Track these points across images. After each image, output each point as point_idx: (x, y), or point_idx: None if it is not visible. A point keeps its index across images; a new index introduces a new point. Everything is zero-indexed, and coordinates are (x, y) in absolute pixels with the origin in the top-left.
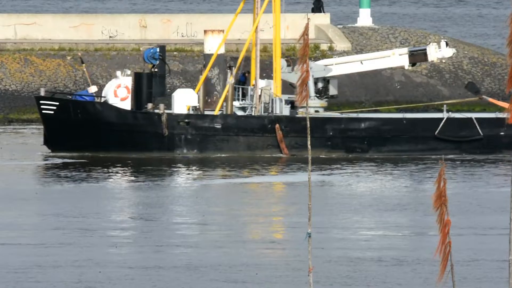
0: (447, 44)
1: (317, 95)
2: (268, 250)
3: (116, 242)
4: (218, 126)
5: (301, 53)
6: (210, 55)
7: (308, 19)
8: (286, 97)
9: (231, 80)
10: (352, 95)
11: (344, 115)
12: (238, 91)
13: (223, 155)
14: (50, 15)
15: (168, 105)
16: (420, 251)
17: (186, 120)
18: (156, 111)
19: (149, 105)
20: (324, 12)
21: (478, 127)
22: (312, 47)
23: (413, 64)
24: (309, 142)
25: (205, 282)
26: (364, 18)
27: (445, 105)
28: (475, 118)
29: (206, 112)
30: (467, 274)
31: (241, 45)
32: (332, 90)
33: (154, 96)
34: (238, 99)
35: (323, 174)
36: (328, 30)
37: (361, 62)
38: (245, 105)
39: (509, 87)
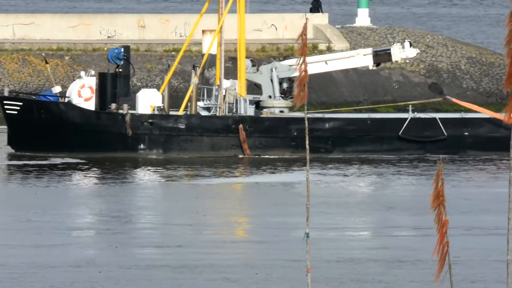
0: (410, 44)
1: (282, 95)
2: (268, 250)
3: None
4: (182, 126)
5: (299, 53)
6: (209, 55)
7: (307, 19)
8: (251, 97)
9: (195, 80)
10: (350, 95)
11: (308, 115)
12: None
13: (185, 156)
14: (49, 15)
15: (133, 105)
16: (418, 251)
17: (150, 121)
18: (120, 111)
19: (113, 105)
20: (322, 12)
21: (442, 127)
22: (310, 47)
23: (377, 64)
24: (307, 142)
25: (203, 282)
26: (362, 18)
27: (410, 106)
28: (439, 119)
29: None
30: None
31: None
32: None
33: (118, 96)
34: (203, 99)
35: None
36: (326, 30)
37: (326, 62)
38: (210, 105)
39: (507, 87)
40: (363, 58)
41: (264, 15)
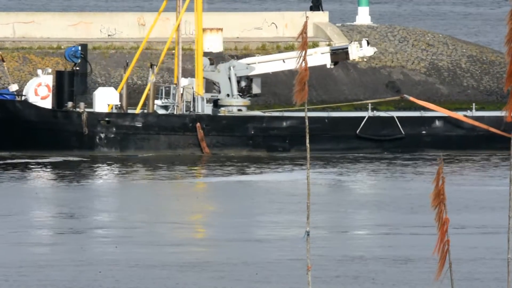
0: (368, 43)
1: (240, 93)
2: (267, 249)
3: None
4: (139, 124)
5: (300, 51)
6: (208, 53)
7: (307, 17)
8: (209, 95)
9: (152, 78)
10: (350, 93)
11: (266, 114)
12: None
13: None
14: (49, 14)
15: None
16: (417, 249)
17: (107, 119)
18: (77, 109)
19: (69, 104)
20: (322, 10)
21: (400, 126)
22: (311, 45)
23: (335, 63)
24: (307, 142)
25: (204, 280)
26: (363, 17)
27: (369, 104)
28: (397, 117)
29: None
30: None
31: (240, 44)
32: (255, 89)
33: (75, 94)
34: (161, 98)
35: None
36: (326, 28)
37: (283, 61)
38: (168, 104)
39: (507, 85)
40: (321, 57)
41: (264, 13)
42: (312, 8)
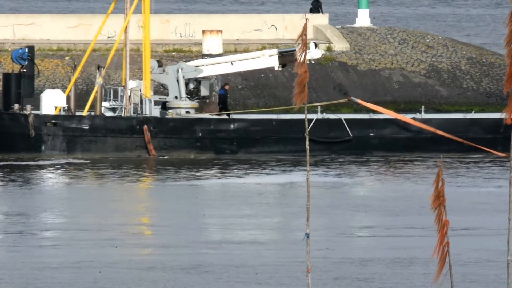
0: (316, 46)
1: (188, 96)
2: (266, 250)
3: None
4: (86, 127)
5: (299, 53)
6: (208, 55)
7: (307, 19)
8: (156, 98)
9: (99, 81)
10: (350, 95)
11: (213, 116)
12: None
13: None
14: (49, 16)
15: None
16: (417, 251)
17: (53, 121)
18: (23, 112)
19: (16, 106)
20: (322, 12)
21: (347, 128)
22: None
23: (283, 65)
24: (307, 142)
25: (205, 282)
26: (363, 19)
27: (319, 106)
28: (345, 119)
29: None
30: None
31: (239, 45)
32: (204, 91)
33: (22, 96)
34: (109, 100)
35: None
36: (326, 30)
37: (232, 63)
38: (115, 106)
39: (507, 87)
40: (269, 59)
41: (264, 15)
42: (312, 10)
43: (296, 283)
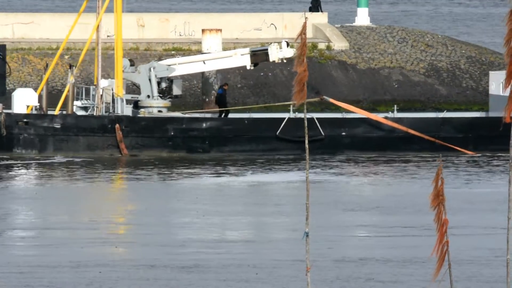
0: (288, 45)
1: (160, 95)
2: (266, 250)
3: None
4: (58, 126)
5: (298, 52)
6: (207, 54)
7: (306, 18)
8: (129, 97)
9: (71, 79)
10: (350, 94)
11: (186, 115)
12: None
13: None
14: (48, 14)
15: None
16: (416, 251)
17: (25, 120)
18: None
19: None
20: (322, 11)
21: (319, 127)
22: (310, 46)
23: (255, 64)
24: (306, 142)
25: (205, 281)
26: (362, 17)
27: (291, 106)
28: (317, 119)
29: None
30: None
31: (239, 44)
32: (176, 90)
33: None
34: (81, 99)
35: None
36: (326, 29)
37: (204, 62)
38: (87, 105)
39: (506, 86)
40: (240, 58)
41: (263, 14)
42: (311, 9)
43: (296, 282)
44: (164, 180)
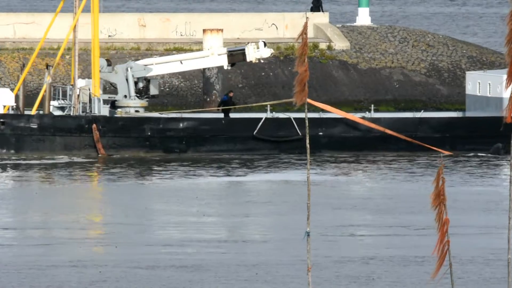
0: (265, 45)
1: (138, 95)
2: (266, 249)
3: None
4: (34, 126)
5: (299, 52)
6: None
7: (307, 18)
8: (106, 96)
9: (48, 79)
10: (351, 94)
11: (163, 115)
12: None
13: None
14: (49, 14)
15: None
16: (417, 250)
17: (2, 120)
18: None
19: None
20: (323, 11)
21: (296, 127)
22: (311, 46)
23: (232, 64)
24: (307, 141)
25: (205, 281)
26: (363, 17)
27: (268, 105)
28: (294, 118)
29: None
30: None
31: (240, 44)
32: (153, 90)
33: None
34: (58, 99)
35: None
36: (327, 29)
37: (181, 62)
38: (64, 105)
39: (507, 86)
40: (217, 58)
41: (264, 14)
42: (312, 9)
43: (296, 281)
44: (162, 180)
